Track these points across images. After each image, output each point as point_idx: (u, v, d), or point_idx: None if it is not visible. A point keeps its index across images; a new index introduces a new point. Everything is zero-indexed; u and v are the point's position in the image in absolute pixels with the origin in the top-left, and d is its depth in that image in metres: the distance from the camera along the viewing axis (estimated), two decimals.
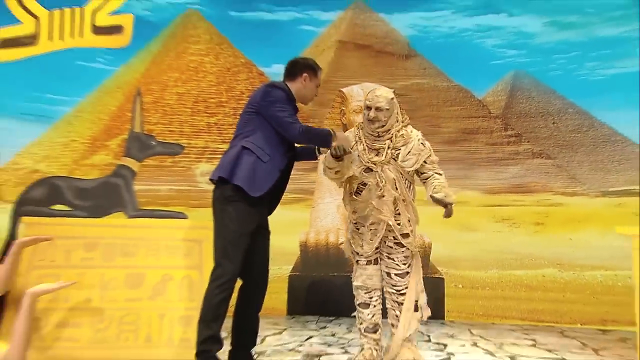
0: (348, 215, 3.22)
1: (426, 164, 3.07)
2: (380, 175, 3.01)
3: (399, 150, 3.04)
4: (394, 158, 3.03)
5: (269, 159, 2.70)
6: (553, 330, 4.63)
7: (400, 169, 3.03)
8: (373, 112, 2.98)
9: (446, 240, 5.23)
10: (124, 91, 6.17)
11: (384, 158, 3.02)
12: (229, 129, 2.91)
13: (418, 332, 4.10)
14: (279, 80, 2.95)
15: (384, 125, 3.01)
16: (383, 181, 3.00)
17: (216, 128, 6.13)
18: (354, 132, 3.18)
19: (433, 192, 2.99)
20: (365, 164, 3.04)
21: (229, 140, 2.90)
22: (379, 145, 3.04)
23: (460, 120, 6.05)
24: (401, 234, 3.05)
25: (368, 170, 3.04)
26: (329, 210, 5.36)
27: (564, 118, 5.87)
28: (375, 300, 3.15)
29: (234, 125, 2.90)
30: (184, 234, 3.14)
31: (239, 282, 2.77)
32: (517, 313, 5.07)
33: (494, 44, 5.99)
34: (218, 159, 2.85)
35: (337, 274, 4.94)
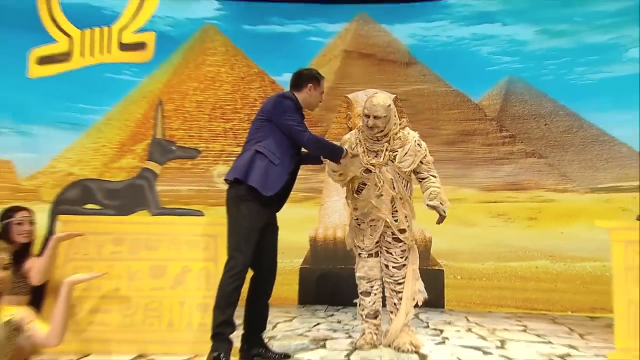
0: (350, 212, 3.26)
1: (422, 164, 3.09)
2: (379, 176, 3.04)
3: (397, 152, 3.05)
4: (391, 160, 3.05)
5: (279, 162, 2.72)
6: (545, 317, 4.62)
7: (398, 170, 3.05)
8: (371, 120, 2.99)
9: (446, 235, 5.21)
10: (148, 100, 6.24)
11: (382, 160, 3.05)
12: (244, 133, 2.91)
13: (417, 319, 4.17)
14: (288, 89, 2.99)
15: (382, 130, 3.03)
16: (381, 181, 3.03)
17: (232, 133, 6.19)
18: (354, 135, 3.20)
19: (429, 200, 3.02)
20: (364, 166, 3.07)
21: (243, 144, 2.92)
22: (378, 148, 3.06)
23: (458, 123, 6.04)
24: (398, 229, 3.08)
25: (367, 171, 3.06)
26: (336, 207, 5.40)
27: (555, 120, 5.84)
28: (376, 289, 3.19)
29: (249, 130, 2.92)
30: (201, 229, 3.12)
31: (250, 273, 2.79)
32: (512, 302, 5.08)
33: (489, 51, 5.99)
34: (234, 161, 2.87)
35: (345, 267, 4.87)
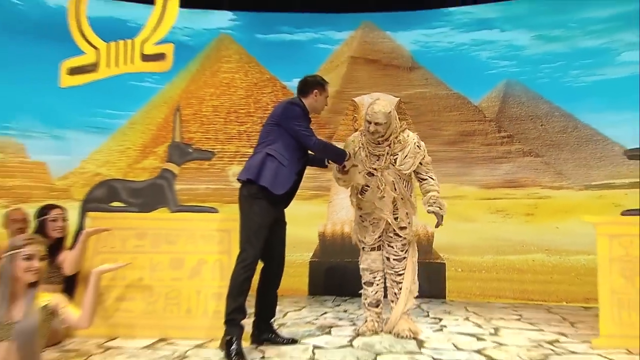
0: (355, 210, 3.35)
1: (421, 165, 3.14)
2: (380, 179, 3.11)
3: (397, 155, 3.11)
4: (392, 163, 3.11)
5: (288, 163, 2.80)
6: (541, 307, 4.63)
7: (398, 172, 3.11)
8: (373, 127, 3.04)
9: (447, 230, 5.06)
10: (169, 105, 6.32)
11: (383, 164, 3.11)
12: (257, 135, 2.99)
13: (419, 309, 4.23)
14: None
15: (383, 135, 3.09)
16: (383, 184, 3.10)
17: (246, 135, 6.23)
18: (357, 138, 3.25)
19: (428, 206, 3.10)
20: (367, 169, 3.15)
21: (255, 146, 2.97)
22: (379, 151, 3.12)
23: (458, 124, 6.04)
24: (399, 227, 3.16)
25: (370, 174, 3.14)
26: (343, 204, 5.34)
27: (551, 120, 5.80)
28: (378, 280, 3.28)
29: (259, 133, 2.97)
30: (216, 225, 3.23)
31: (261, 265, 2.88)
32: (510, 293, 5.09)
33: (488, 56, 5.97)
34: (246, 162, 2.91)
35: (352, 260, 4.87)
